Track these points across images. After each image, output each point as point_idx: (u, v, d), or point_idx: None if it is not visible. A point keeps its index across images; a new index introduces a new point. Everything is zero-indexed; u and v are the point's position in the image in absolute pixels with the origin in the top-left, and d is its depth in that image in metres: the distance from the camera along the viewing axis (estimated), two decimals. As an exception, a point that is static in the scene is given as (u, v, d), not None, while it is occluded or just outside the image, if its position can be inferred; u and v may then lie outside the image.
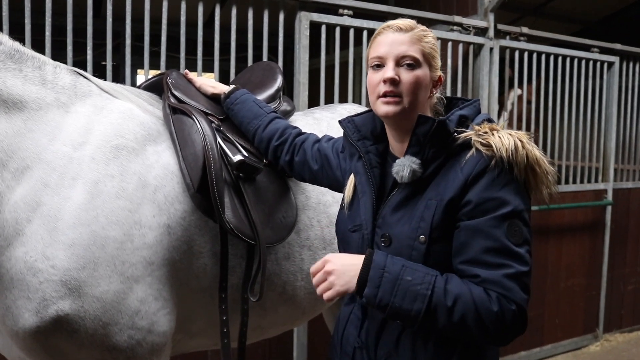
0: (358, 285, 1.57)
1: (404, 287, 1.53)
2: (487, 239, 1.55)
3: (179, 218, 2.04)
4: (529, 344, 4.95)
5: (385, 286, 1.53)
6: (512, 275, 1.53)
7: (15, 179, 1.84)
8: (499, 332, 1.53)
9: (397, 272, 1.54)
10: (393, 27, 1.71)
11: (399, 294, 1.53)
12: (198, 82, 2.42)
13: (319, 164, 2.12)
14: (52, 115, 1.95)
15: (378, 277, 1.55)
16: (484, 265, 1.55)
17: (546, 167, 1.63)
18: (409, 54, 1.68)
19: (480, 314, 1.51)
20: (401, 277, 1.53)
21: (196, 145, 2.09)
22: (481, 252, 1.55)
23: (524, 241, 1.57)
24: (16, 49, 1.97)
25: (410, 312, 1.52)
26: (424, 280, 1.53)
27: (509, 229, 1.55)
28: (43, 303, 1.79)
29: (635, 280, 5.74)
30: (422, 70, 1.70)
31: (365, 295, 1.55)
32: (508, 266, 1.54)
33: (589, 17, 8.19)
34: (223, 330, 2.14)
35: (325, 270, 1.60)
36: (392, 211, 1.71)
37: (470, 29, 4.38)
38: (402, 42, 1.69)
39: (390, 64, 1.68)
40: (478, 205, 1.57)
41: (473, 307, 1.51)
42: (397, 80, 1.67)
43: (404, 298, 1.52)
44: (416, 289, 1.52)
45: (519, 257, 1.55)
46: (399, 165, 1.68)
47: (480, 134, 1.62)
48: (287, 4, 3.61)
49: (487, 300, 1.51)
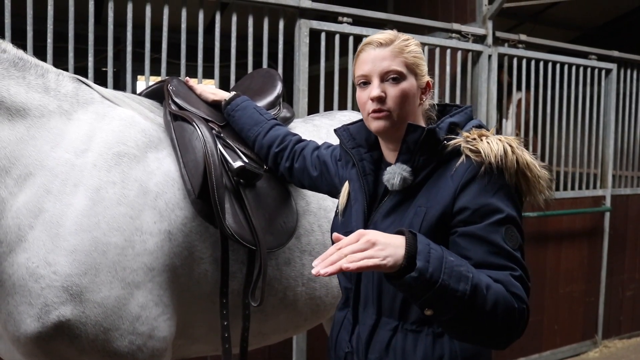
0: (406, 257, 1.41)
1: (449, 266, 1.42)
2: (488, 244, 1.56)
3: (180, 224, 2.05)
4: (528, 350, 4.95)
5: (435, 262, 1.41)
6: (517, 277, 1.54)
7: (17, 185, 1.85)
8: (514, 330, 1.50)
9: (440, 250, 1.45)
10: (374, 43, 1.72)
11: (446, 271, 1.41)
12: (199, 89, 2.44)
13: (318, 171, 2.14)
14: (55, 123, 1.97)
15: (427, 251, 1.42)
16: (490, 266, 1.55)
17: (538, 172, 1.63)
18: (392, 68, 1.69)
19: (507, 306, 1.48)
20: (445, 256, 1.44)
21: (197, 151, 2.11)
22: (485, 255, 1.55)
23: (519, 246, 1.59)
24: (20, 56, 1.98)
25: (456, 292, 1.41)
26: (462, 263, 1.47)
27: (506, 234, 1.56)
28: (45, 309, 1.80)
29: (634, 286, 5.75)
30: (408, 82, 1.71)
31: (419, 268, 1.39)
32: (512, 268, 1.55)
33: (587, 24, 8.23)
34: (224, 335, 2.15)
35: (368, 240, 1.41)
36: (382, 218, 1.73)
37: (468, 37, 4.40)
38: (384, 58, 1.70)
39: (375, 81, 1.70)
40: (474, 212, 1.58)
41: (502, 298, 1.47)
42: (383, 97, 1.68)
43: (450, 276, 1.41)
44: (460, 270, 1.43)
45: (518, 261, 1.57)
46: (389, 173, 1.70)
47: (469, 141, 1.63)
48: (287, 11, 3.63)
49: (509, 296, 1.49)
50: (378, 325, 1.74)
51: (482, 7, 4.49)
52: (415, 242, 1.43)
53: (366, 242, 1.40)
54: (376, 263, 1.38)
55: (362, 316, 1.79)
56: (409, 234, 1.45)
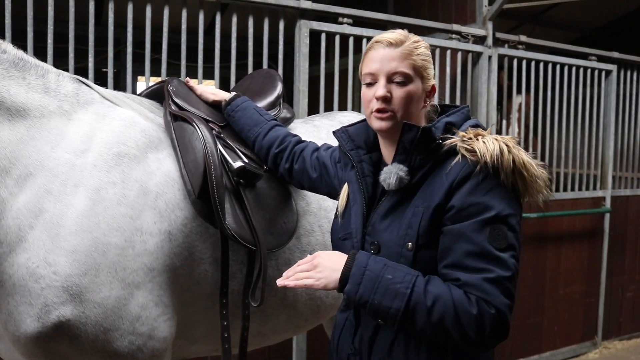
0: (340, 281, 1.61)
1: (384, 285, 1.56)
2: (469, 243, 1.56)
3: (180, 224, 2.05)
4: (528, 351, 4.95)
5: (366, 283, 1.58)
6: (492, 280, 1.53)
7: (18, 185, 1.85)
8: (478, 336, 1.53)
9: (379, 270, 1.58)
10: (384, 42, 1.71)
11: (379, 291, 1.56)
12: (199, 89, 2.44)
13: (317, 172, 2.14)
14: (55, 123, 1.97)
15: (360, 274, 1.59)
16: (465, 269, 1.56)
17: (535, 172, 1.62)
18: (399, 70, 1.69)
19: (459, 315, 1.51)
20: (382, 275, 1.57)
21: (197, 152, 2.11)
22: (462, 256, 1.56)
23: (507, 246, 1.56)
24: (20, 57, 1.98)
25: (389, 309, 1.55)
26: (404, 280, 1.56)
27: (492, 234, 1.55)
28: (45, 309, 1.80)
29: (634, 287, 5.75)
30: (414, 85, 1.71)
31: (346, 291, 1.60)
32: (488, 270, 1.54)
33: (587, 25, 8.24)
34: (224, 335, 2.15)
35: (313, 262, 1.66)
36: (380, 219, 1.73)
37: (468, 37, 4.40)
38: (393, 58, 1.69)
39: (381, 81, 1.69)
40: (461, 210, 1.58)
41: (452, 308, 1.52)
42: (388, 97, 1.68)
43: (384, 295, 1.55)
44: (396, 287, 1.55)
45: (501, 262, 1.55)
46: (386, 173, 1.70)
47: (465, 140, 1.63)
48: (287, 12, 3.63)
49: (467, 303, 1.52)
50: (380, 327, 1.74)
51: (482, 8, 4.49)
52: (351, 265, 1.61)
53: (311, 264, 1.66)
54: (310, 283, 1.63)
55: (365, 318, 1.78)
56: (351, 257, 1.63)
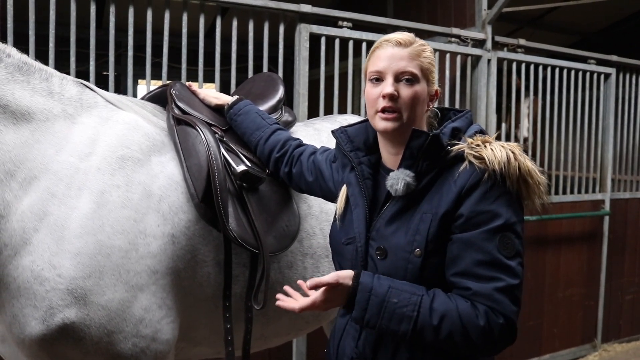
0: (345, 306, 1.64)
1: (390, 310, 1.57)
2: (479, 252, 1.57)
3: (183, 227, 2.06)
4: (527, 354, 4.96)
5: (372, 310, 1.58)
6: (502, 289, 1.55)
7: (22, 188, 1.86)
8: (486, 345, 1.56)
9: (384, 294, 1.58)
10: (392, 41, 1.71)
11: (385, 316, 1.57)
12: (202, 93, 2.45)
13: (313, 176, 2.13)
14: (59, 127, 1.98)
15: (365, 300, 1.59)
16: (475, 277, 1.57)
17: (538, 178, 1.64)
18: (408, 69, 1.69)
19: (467, 329, 1.54)
20: (387, 299, 1.58)
21: (200, 155, 2.12)
22: (473, 265, 1.57)
23: (515, 254, 1.58)
24: (24, 61, 1.99)
25: (397, 332, 1.57)
26: (409, 302, 1.57)
27: (501, 242, 1.57)
28: (49, 311, 1.81)
29: (633, 290, 5.76)
30: (421, 86, 1.71)
31: (353, 317, 1.62)
32: (499, 279, 1.55)
33: (586, 29, 8.27)
34: (227, 338, 2.15)
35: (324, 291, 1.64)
36: (386, 224, 1.72)
37: (468, 41, 4.42)
38: (402, 58, 1.69)
39: (389, 79, 1.69)
40: (470, 219, 1.59)
41: (459, 323, 1.54)
42: (396, 95, 1.67)
43: (390, 320, 1.57)
44: (402, 311, 1.56)
45: (510, 270, 1.57)
46: (393, 179, 1.68)
47: (472, 147, 1.64)
48: (287, 16, 3.65)
49: (474, 315, 1.54)
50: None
51: (481, 11, 4.51)
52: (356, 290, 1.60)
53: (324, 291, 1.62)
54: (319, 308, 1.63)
55: None
56: (355, 278, 1.62)
